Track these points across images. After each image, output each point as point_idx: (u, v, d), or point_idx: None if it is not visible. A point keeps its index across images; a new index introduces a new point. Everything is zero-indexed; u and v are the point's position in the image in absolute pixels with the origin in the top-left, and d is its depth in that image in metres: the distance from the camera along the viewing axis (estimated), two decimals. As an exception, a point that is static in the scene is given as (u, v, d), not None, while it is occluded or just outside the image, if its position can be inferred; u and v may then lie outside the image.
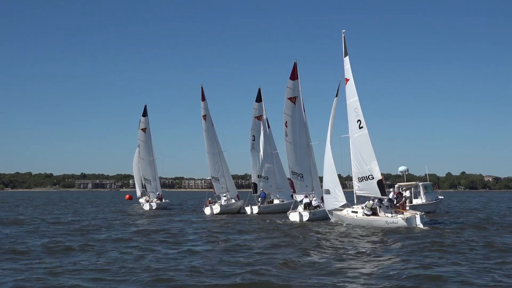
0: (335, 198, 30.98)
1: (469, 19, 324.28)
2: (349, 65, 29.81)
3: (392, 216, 27.73)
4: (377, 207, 28.82)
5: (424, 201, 38.70)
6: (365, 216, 28.79)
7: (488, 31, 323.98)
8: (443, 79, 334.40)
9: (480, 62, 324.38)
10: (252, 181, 43.58)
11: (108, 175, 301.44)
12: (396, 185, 40.15)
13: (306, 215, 32.95)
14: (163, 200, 55.48)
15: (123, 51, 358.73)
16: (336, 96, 35.23)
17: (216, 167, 45.08)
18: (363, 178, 29.46)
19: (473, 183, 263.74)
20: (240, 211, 43.01)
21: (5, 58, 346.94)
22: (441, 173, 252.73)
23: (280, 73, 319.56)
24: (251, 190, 43.83)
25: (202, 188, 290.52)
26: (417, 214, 27.71)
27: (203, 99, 44.91)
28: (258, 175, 42.92)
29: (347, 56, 29.79)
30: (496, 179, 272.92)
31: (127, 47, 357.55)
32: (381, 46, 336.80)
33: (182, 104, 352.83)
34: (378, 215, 28.43)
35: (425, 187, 39.29)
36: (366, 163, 29.22)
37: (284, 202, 41.50)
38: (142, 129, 56.51)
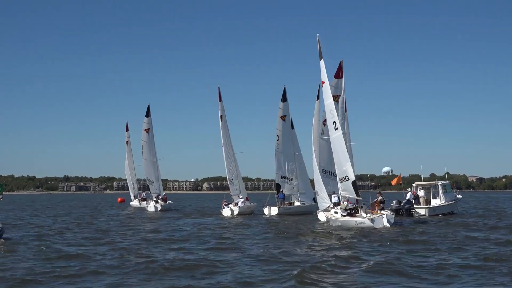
0: (322, 200, 32.03)
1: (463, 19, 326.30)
2: (325, 68, 30.64)
3: (366, 217, 28.39)
4: (358, 207, 29.57)
5: (443, 201, 37.93)
6: (341, 217, 29.45)
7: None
8: (428, 78, 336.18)
9: (467, 60, 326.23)
10: (276, 182, 43.34)
11: (91, 178, 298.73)
12: (413, 185, 39.52)
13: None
14: (167, 202, 55.06)
15: (109, 51, 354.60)
16: (317, 99, 35.07)
17: (231, 169, 44.81)
18: (342, 178, 30.20)
19: (457, 183, 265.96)
20: (254, 213, 42.71)
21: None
22: (425, 174, 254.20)
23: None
24: (274, 191, 43.63)
25: (187, 190, 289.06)
26: (384, 214, 28.43)
27: (220, 99, 44.49)
28: (281, 176, 42.71)
29: (322, 59, 30.48)
30: (480, 180, 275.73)
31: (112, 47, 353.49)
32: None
33: (169, 107, 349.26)
34: (354, 216, 29.10)
35: (444, 187, 38.64)
36: (343, 164, 29.89)
37: (305, 205, 41.32)
38: (145, 130, 56.55)
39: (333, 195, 33.96)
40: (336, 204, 33.32)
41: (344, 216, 29.22)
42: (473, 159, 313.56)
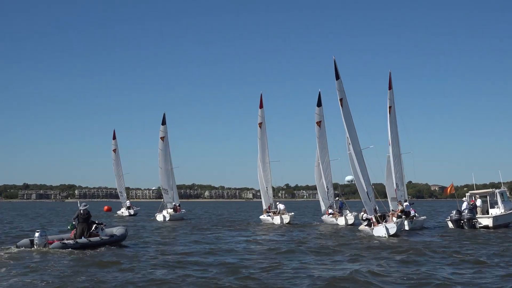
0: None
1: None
2: (339, 88, 31.13)
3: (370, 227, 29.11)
4: (383, 216, 29.81)
5: (502, 211, 35.26)
6: (362, 226, 30.84)
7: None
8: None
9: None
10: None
11: (51, 185, 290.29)
12: (468, 193, 37.65)
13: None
14: (182, 211, 52.99)
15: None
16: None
17: (267, 177, 43.56)
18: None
19: (420, 192, 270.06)
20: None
21: None
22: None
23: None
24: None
25: (150, 198, 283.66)
26: (383, 224, 28.00)
27: (261, 106, 42.85)
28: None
29: (339, 79, 30.73)
30: (442, 188, 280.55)
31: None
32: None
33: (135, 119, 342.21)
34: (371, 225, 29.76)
35: (502, 195, 36.06)
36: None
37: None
38: (161, 138, 54.28)
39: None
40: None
41: (365, 226, 30.22)
42: (436, 168, 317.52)
